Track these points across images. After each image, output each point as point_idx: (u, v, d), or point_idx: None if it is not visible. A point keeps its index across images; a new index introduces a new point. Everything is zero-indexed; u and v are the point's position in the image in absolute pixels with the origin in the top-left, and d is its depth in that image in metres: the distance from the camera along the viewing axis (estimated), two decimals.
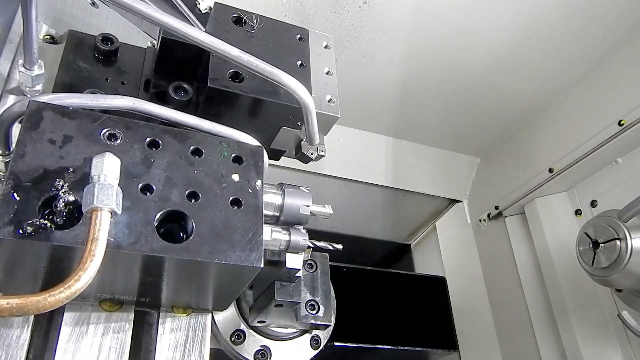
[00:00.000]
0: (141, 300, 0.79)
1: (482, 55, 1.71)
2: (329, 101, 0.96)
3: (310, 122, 0.87)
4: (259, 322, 1.06)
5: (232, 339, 1.15)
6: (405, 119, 2.02)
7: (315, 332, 1.24)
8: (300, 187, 0.89)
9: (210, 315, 0.85)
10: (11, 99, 0.91)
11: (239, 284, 0.78)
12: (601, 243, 1.23)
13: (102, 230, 0.58)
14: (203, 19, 1.49)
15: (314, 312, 1.04)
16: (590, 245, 1.26)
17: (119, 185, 0.64)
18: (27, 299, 0.52)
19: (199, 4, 1.45)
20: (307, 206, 0.87)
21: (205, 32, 0.92)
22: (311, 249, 0.92)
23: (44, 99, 0.71)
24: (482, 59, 1.73)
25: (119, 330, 0.78)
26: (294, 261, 0.87)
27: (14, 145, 0.75)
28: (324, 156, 0.98)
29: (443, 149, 2.20)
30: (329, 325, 1.07)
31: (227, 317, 1.14)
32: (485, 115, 1.98)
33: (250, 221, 0.73)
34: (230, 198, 0.74)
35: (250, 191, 0.76)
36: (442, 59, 1.73)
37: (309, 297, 1.04)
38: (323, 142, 0.99)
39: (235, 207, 0.74)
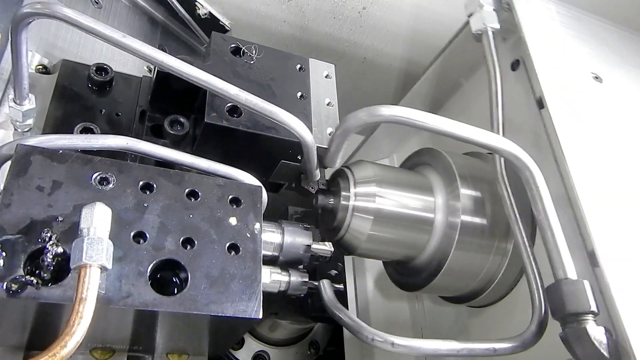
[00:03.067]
0: (134, 348, 0.76)
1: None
2: (330, 134, 0.93)
3: (310, 159, 0.84)
4: (270, 313, 0.99)
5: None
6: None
7: (313, 337, 1.21)
8: (300, 225, 0.87)
9: (206, 358, 0.82)
10: (0, 133, 0.88)
11: (237, 332, 0.74)
12: (330, 200, 0.95)
13: (90, 289, 0.55)
14: (203, 24, 1.47)
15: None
16: (324, 205, 0.96)
17: (110, 233, 0.61)
18: None
19: (199, 9, 1.44)
20: (308, 246, 0.84)
21: (204, 62, 0.90)
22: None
23: (33, 142, 0.68)
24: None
25: None
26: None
27: (1, 186, 0.72)
28: (324, 189, 0.95)
29: None
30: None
31: None
32: None
33: (248, 268, 0.70)
34: (228, 244, 0.71)
35: (249, 235, 0.73)
36: (430, 61, 1.71)
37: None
38: (324, 174, 0.96)
39: (233, 253, 0.71)
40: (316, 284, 0.86)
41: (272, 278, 0.81)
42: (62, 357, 0.51)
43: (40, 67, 0.98)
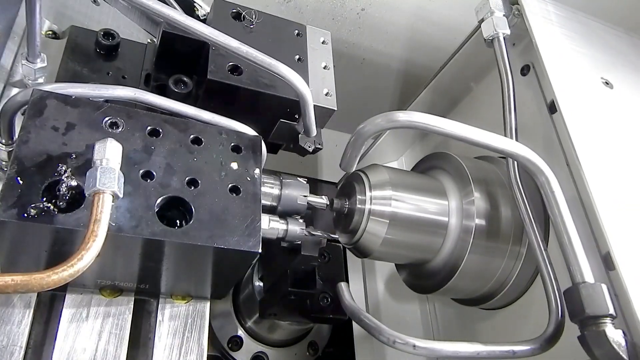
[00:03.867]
0: (141, 287, 0.81)
1: None
2: (326, 94, 0.98)
3: (307, 113, 0.89)
4: (269, 314, 1.00)
5: (230, 345, 1.14)
6: None
7: (312, 338, 1.22)
8: (298, 178, 0.91)
9: (208, 303, 0.87)
10: (14, 92, 0.92)
11: (237, 270, 0.79)
12: (346, 203, 0.98)
13: (104, 212, 0.60)
14: None
15: (328, 304, 0.98)
16: (339, 208, 0.99)
17: (120, 171, 0.65)
18: (31, 276, 0.53)
19: (198, 10, 1.48)
20: (305, 196, 0.89)
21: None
22: (326, 240, 0.91)
23: (48, 87, 0.73)
24: None
25: (119, 316, 0.79)
26: (309, 248, 0.84)
27: (16, 135, 0.77)
28: (320, 149, 1.00)
29: None
30: (343, 319, 0.99)
31: (225, 322, 1.13)
32: None
33: (248, 208, 0.75)
34: (229, 185, 0.76)
35: (249, 179, 0.78)
36: (441, 65, 1.73)
37: (322, 289, 0.98)
38: (320, 135, 1.00)
39: (234, 195, 0.75)
40: (316, 233, 0.90)
41: (270, 225, 0.86)
42: (78, 269, 0.56)
43: (50, 32, 1.03)
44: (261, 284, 1.08)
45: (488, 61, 1.13)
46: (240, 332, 1.14)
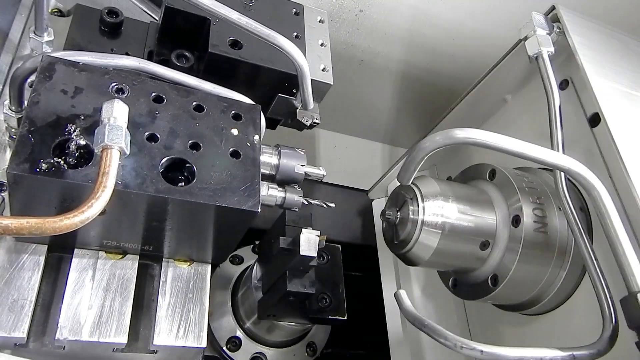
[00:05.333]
0: (145, 249, 0.84)
1: (480, 62, 1.71)
2: (322, 70, 1.02)
3: (305, 86, 0.93)
4: (268, 315, 1.01)
5: (228, 346, 1.15)
6: (401, 126, 2.01)
7: (311, 338, 1.23)
8: (296, 149, 0.95)
9: (209, 266, 0.90)
10: None
11: (237, 231, 0.82)
12: (397, 213, 1.02)
13: (112, 165, 0.63)
14: None
15: (326, 305, 0.99)
16: (391, 218, 1.04)
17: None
18: (44, 219, 0.57)
19: None
20: (302, 165, 0.93)
21: None
22: (325, 237, 0.90)
23: (57, 54, 0.76)
24: (479, 66, 1.73)
25: (124, 276, 0.83)
26: (308, 248, 0.85)
27: (26, 103, 0.80)
28: (318, 123, 1.03)
29: None
30: (342, 320, 1.00)
31: (223, 323, 1.15)
32: None
33: (248, 171, 0.78)
34: (230, 150, 0.79)
35: (249, 144, 0.81)
36: (439, 67, 1.74)
37: (320, 289, 0.99)
38: (317, 110, 1.04)
39: (235, 159, 0.79)
40: (314, 202, 0.94)
41: (269, 192, 0.89)
42: (88, 216, 0.59)
43: (56, 10, 1.06)
44: (260, 284, 1.07)
45: (525, 74, 1.18)
46: (239, 333, 1.14)
